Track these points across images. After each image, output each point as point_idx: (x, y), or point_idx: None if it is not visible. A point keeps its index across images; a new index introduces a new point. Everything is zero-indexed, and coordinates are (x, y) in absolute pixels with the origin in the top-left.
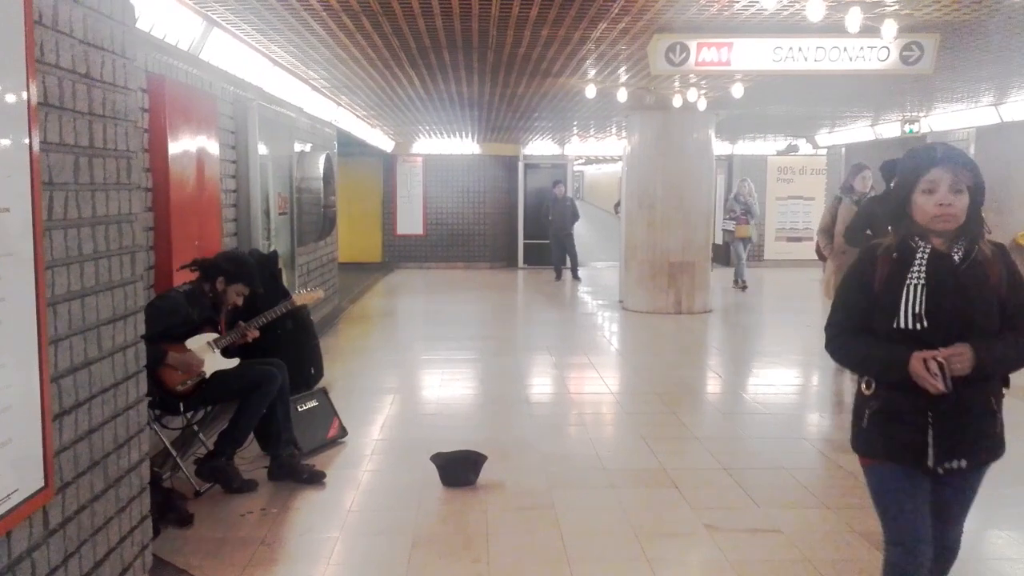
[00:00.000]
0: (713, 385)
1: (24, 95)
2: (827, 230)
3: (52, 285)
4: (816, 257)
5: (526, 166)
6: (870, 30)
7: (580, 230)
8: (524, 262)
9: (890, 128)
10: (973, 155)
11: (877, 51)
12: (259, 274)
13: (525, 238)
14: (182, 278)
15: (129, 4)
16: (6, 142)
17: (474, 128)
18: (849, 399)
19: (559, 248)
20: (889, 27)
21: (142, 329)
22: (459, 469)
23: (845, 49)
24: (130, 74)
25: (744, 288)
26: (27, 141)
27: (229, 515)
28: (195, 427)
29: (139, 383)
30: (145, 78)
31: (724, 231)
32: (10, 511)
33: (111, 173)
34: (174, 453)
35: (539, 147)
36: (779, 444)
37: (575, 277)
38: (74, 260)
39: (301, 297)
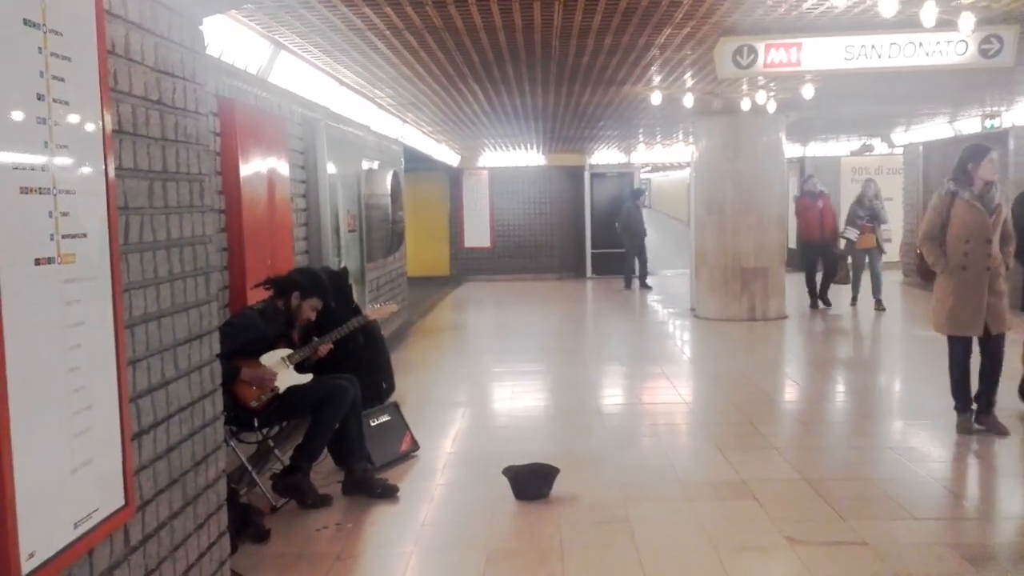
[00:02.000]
0: (791, 393)
1: (99, 123)
2: (936, 236)
3: (129, 307)
4: (919, 274)
5: (592, 175)
6: (946, 24)
7: (647, 237)
8: (592, 272)
9: (970, 124)
10: None
11: (954, 45)
12: (331, 289)
13: (593, 248)
14: (256, 297)
15: (199, 31)
16: (83, 169)
17: (539, 139)
18: None
19: (633, 257)
20: (966, 20)
21: (217, 348)
22: (532, 482)
23: (920, 44)
24: (201, 99)
25: (879, 311)
26: (103, 167)
27: (305, 530)
28: (270, 443)
29: (215, 401)
30: (216, 102)
31: (845, 240)
32: (92, 529)
33: (184, 196)
34: (250, 469)
35: (605, 156)
36: (862, 454)
37: (644, 286)
38: (150, 282)
39: (375, 311)
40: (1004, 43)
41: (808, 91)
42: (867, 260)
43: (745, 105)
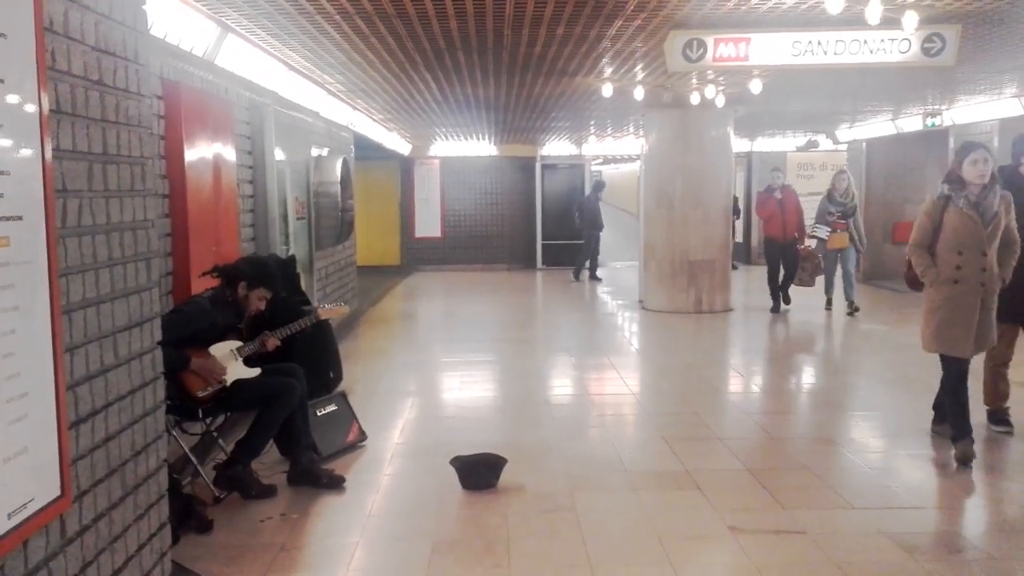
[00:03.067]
0: (735, 385)
1: (36, 102)
2: (926, 244)
3: (67, 293)
4: (907, 283)
5: (543, 167)
6: (890, 22)
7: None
8: (543, 263)
9: (912, 122)
10: (996, 148)
11: (898, 43)
12: (280, 279)
13: (544, 239)
14: (200, 285)
15: (142, 10)
16: (18, 150)
17: (491, 130)
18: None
19: (588, 249)
20: (910, 18)
21: (159, 336)
22: (479, 472)
23: (865, 42)
24: (143, 80)
25: (852, 315)
26: (40, 148)
27: (249, 521)
28: (215, 433)
29: (156, 390)
30: (160, 84)
31: (816, 239)
32: (26, 520)
33: (125, 180)
34: (194, 459)
35: (556, 148)
36: (803, 444)
37: (593, 277)
38: (89, 267)
39: (326, 312)
40: (946, 42)
41: (756, 86)
42: (839, 260)
43: (695, 99)
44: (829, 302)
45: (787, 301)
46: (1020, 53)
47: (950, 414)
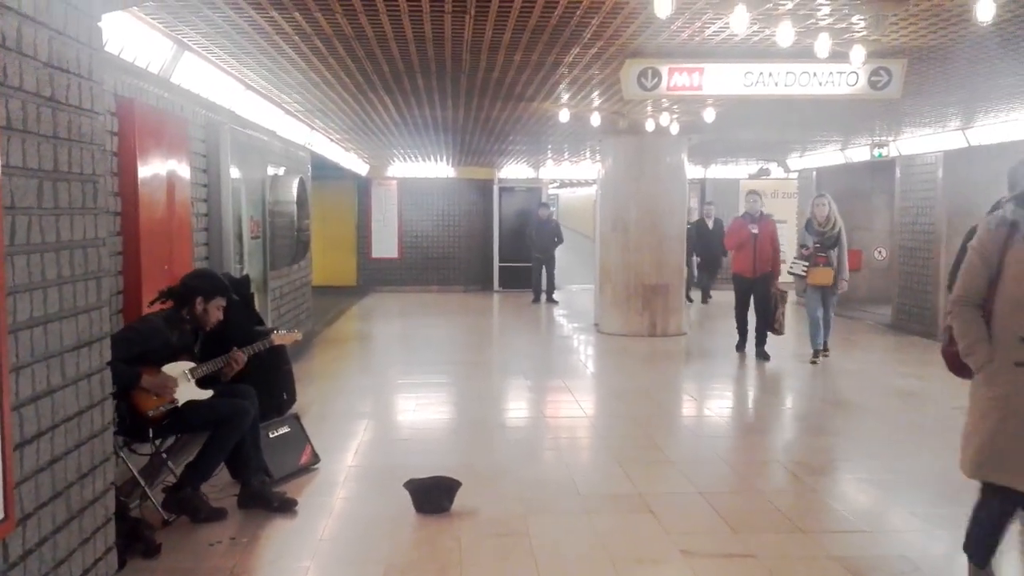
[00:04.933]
0: (688, 408)
1: None
2: (979, 301)
3: (13, 311)
4: (948, 363)
5: (501, 189)
6: (839, 55)
7: (555, 252)
8: (499, 285)
9: (860, 152)
10: (940, 179)
11: (846, 76)
12: (229, 284)
13: (500, 261)
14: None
15: (96, 27)
16: None
17: (449, 152)
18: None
19: (539, 270)
20: (857, 52)
21: (108, 356)
22: (433, 495)
23: (815, 74)
24: (97, 97)
25: (823, 357)
26: None
27: (198, 545)
28: (164, 455)
29: (104, 411)
30: (114, 101)
31: (793, 275)
32: None
33: (76, 197)
34: (142, 482)
35: (514, 171)
36: (754, 467)
37: (549, 300)
38: (37, 286)
39: (280, 338)
40: (892, 76)
41: (709, 115)
42: (822, 299)
43: (650, 126)
44: (816, 354)
45: (766, 357)
46: (963, 87)
47: (973, 541)
